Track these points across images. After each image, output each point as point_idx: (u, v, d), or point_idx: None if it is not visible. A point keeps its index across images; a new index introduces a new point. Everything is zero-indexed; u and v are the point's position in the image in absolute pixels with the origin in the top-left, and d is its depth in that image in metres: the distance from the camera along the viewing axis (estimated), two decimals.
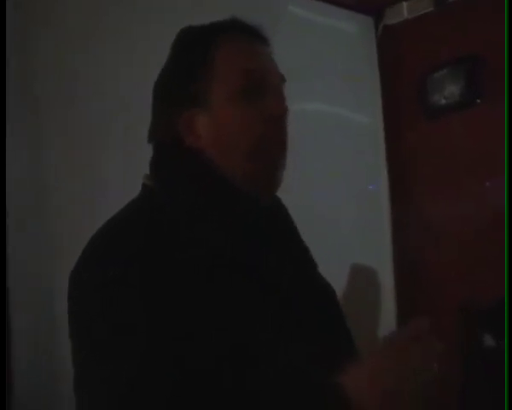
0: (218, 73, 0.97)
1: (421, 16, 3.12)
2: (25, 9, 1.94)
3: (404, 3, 3.17)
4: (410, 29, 3.17)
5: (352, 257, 2.90)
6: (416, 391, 0.82)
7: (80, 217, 1.98)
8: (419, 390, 0.82)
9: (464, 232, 2.84)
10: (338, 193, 2.88)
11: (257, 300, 0.92)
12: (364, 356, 0.90)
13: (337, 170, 2.91)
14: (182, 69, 0.99)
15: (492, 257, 2.66)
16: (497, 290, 1.92)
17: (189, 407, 0.83)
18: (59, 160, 2.01)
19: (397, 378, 0.81)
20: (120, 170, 2.13)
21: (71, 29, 2.05)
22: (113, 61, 2.15)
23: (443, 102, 3.02)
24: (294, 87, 1.06)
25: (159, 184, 0.99)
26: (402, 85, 3.20)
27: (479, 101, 2.90)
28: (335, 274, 2.79)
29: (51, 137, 2.00)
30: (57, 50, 2.02)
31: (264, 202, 1.00)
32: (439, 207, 2.95)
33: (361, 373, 0.82)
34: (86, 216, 2.00)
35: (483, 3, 2.85)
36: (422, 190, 3.10)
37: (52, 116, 2.00)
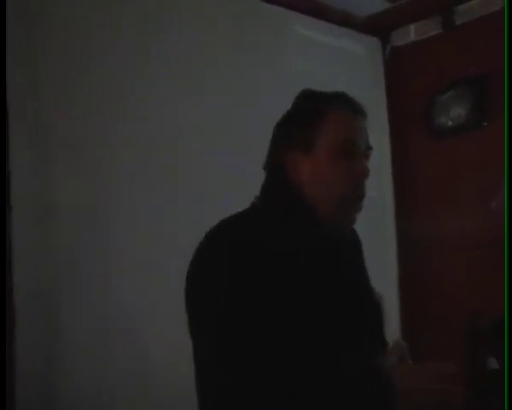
0: (323, 134, 1.27)
1: (429, 38, 3.14)
2: (27, 9, 1.96)
3: (412, 25, 3.20)
4: (417, 51, 3.20)
5: None
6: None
7: (83, 225, 2.02)
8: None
9: (469, 249, 2.84)
10: None
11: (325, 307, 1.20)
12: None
13: None
14: (297, 121, 1.30)
15: (498, 273, 2.66)
16: (503, 306, 1.91)
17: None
18: (62, 169, 2.03)
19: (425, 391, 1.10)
20: (125, 178, 2.15)
21: (74, 32, 2.08)
22: (122, 61, 2.18)
23: (449, 123, 3.03)
24: None
25: (262, 204, 1.29)
26: (409, 107, 3.22)
27: (485, 123, 2.91)
28: None
29: (54, 145, 2.02)
30: (60, 54, 2.04)
31: (341, 230, 1.32)
32: (443, 226, 2.96)
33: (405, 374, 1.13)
34: (89, 225, 2.02)
35: (490, 26, 2.87)
36: (427, 209, 3.10)
37: (55, 127, 2.02)
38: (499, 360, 2.57)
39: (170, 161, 2.27)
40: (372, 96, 3.18)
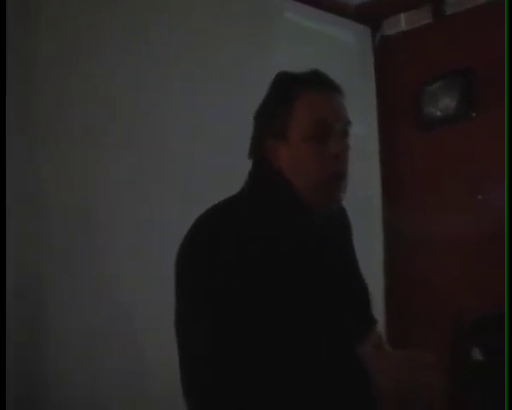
0: (295, 119, 1.27)
1: (419, 28, 3.12)
2: (25, 7, 1.93)
3: (402, 15, 3.18)
4: (407, 40, 3.18)
5: None
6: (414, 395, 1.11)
7: (77, 226, 2.00)
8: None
9: (456, 243, 2.85)
10: None
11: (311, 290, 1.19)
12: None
13: None
14: (271, 109, 1.31)
15: (485, 268, 2.67)
16: (489, 302, 1.92)
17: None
18: (56, 170, 2.00)
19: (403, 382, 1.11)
20: (119, 179, 2.13)
21: (71, 30, 2.05)
22: (113, 62, 2.16)
23: (438, 114, 3.02)
24: None
25: (248, 192, 1.30)
26: (398, 96, 3.20)
27: (474, 114, 2.90)
28: None
29: (49, 146, 1.99)
30: (57, 51, 2.02)
31: (324, 210, 1.30)
32: (431, 218, 2.96)
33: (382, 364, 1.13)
34: (83, 225, 1.99)
35: (481, 17, 2.86)
36: (415, 200, 3.10)
37: (50, 124, 2.00)
38: (483, 351, 2.58)
39: (167, 161, 2.27)
40: (361, 85, 3.16)
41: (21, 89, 1.92)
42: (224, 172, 2.29)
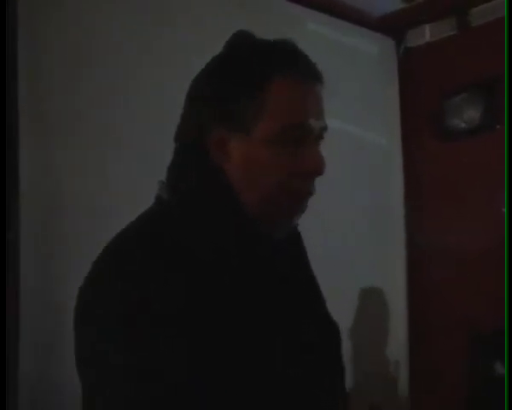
0: (265, 109, 0.93)
1: (443, 39, 3.11)
2: (33, 8, 1.96)
3: (427, 26, 3.16)
4: (431, 51, 3.17)
5: (366, 277, 2.89)
6: None
7: (91, 220, 2.01)
8: None
9: (478, 255, 2.81)
10: (352, 212, 2.87)
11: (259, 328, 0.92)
12: None
13: (353, 189, 2.90)
14: (228, 85, 0.95)
15: (501, 278, 2.63)
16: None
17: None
18: (69, 164, 2.03)
19: None
20: (130, 174, 2.14)
21: (78, 30, 2.07)
22: (121, 60, 2.17)
23: (462, 125, 3.00)
24: None
25: (175, 198, 0.97)
26: (421, 108, 3.19)
27: (498, 126, 2.87)
28: (347, 294, 2.78)
29: (63, 145, 2.02)
30: (65, 51, 2.04)
31: (275, 236, 1.00)
32: (454, 230, 2.93)
33: None
34: (97, 222, 2.01)
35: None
36: (438, 212, 3.07)
37: (61, 124, 2.02)
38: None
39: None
40: (384, 96, 3.16)
41: (32, 88, 1.95)
42: None
